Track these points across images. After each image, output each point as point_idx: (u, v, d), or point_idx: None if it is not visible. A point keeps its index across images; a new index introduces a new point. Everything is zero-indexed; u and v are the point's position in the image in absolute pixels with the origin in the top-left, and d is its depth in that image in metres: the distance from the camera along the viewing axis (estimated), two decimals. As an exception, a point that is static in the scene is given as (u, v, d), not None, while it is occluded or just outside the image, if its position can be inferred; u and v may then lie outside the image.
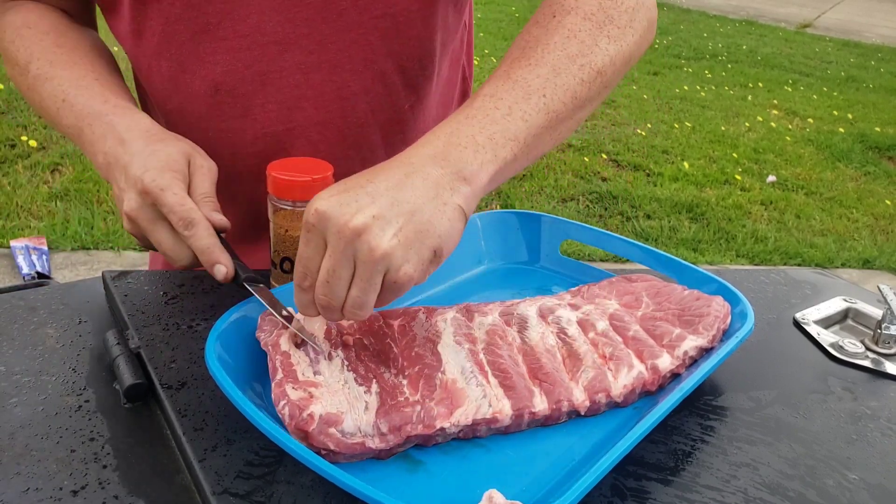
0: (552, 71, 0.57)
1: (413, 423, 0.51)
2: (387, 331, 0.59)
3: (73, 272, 2.32)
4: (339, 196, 0.48)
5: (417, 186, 0.49)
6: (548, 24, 0.60)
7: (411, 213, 0.48)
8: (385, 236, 0.47)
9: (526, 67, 0.57)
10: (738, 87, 5.64)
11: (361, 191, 0.48)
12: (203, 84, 0.71)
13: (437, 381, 0.55)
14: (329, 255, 0.48)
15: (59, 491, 0.48)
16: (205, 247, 0.59)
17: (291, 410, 0.49)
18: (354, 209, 0.47)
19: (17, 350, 0.61)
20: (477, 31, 6.20)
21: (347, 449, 0.49)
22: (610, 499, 0.51)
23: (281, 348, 0.54)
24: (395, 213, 0.48)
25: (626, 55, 0.62)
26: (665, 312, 0.67)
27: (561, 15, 0.60)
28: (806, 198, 3.76)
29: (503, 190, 3.33)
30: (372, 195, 0.48)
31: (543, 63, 0.57)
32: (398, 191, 0.48)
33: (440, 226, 0.49)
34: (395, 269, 0.48)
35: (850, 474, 0.56)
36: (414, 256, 0.48)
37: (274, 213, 0.65)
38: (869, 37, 8.60)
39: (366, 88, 0.73)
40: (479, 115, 0.54)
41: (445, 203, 0.50)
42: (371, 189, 0.48)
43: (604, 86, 0.60)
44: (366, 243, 0.47)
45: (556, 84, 0.56)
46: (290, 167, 0.64)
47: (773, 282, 0.87)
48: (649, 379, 0.59)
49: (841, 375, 0.69)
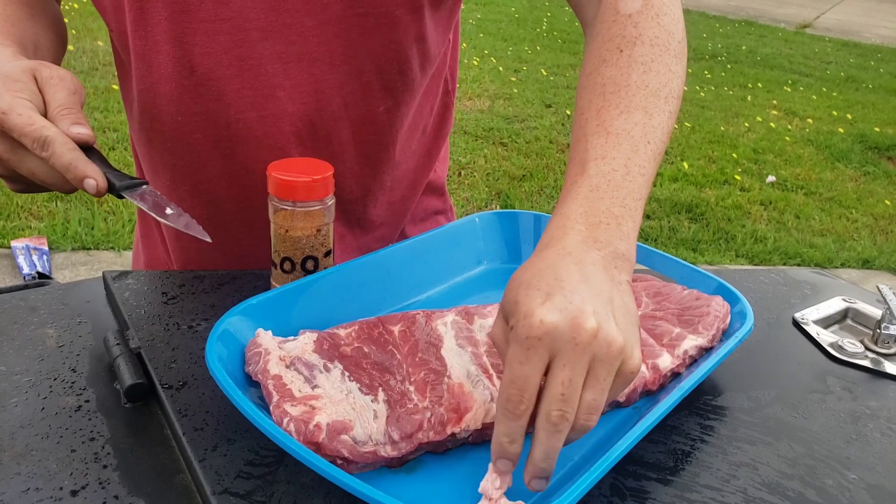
0: (645, 114, 0.56)
1: (424, 429, 0.51)
2: (388, 337, 0.59)
3: (74, 272, 2.32)
4: (552, 302, 0.45)
5: (596, 275, 0.47)
6: (618, 62, 0.59)
7: (610, 301, 0.46)
8: (612, 329, 0.45)
9: (619, 117, 0.56)
10: (738, 88, 5.65)
11: (564, 292, 0.45)
12: (177, 65, 0.70)
13: (443, 386, 0.54)
14: (564, 365, 0.44)
15: (59, 491, 0.48)
16: (67, 163, 0.56)
17: (297, 426, 0.48)
18: (578, 310, 0.44)
19: (17, 350, 0.61)
20: (476, 31, 6.20)
21: (361, 458, 0.49)
22: (610, 499, 0.51)
23: (271, 373, 0.53)
24: (603, 305, 0.45)
25: (686, 65, 0.62)
26: (665, 312, 0.67)
27: (628, 48, 0.59)
28: (805, 198, 3.76)
29: (503, 190, 3.33)
30: (577, 293, 0.45)
31: (634, 107, 0.56)
32: (589, 283, 0.46)
33: (632, 306, 0.48)
34: (628, 357, 0.46)
35: (849, 474, 0.56)
36: (634, 340, 0.47)
37: (274, 214, 0.65)
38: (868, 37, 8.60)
39: (341, 84, 0.73)
40: (603, 185, 0.52)
41: (620, 283, 0.48)
42: (569, 287, 0.45)
43: (680, 104, 0.60)
44: (603, 342, 0.44)
45: (653, 126, 0.56)
46: (290, 168, 0.65)
47: (773, 282, 0.87)
48: (650, 378, 0.59)
49: (840, 375, 0.69)
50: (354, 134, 0.76)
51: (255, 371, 0.54)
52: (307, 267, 0.67)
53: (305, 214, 0.64)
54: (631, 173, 0.53)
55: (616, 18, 0.61)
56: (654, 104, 0.57)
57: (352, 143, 0.77)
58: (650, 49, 0.59)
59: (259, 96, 0.71)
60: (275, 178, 0.63)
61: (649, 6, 0.61)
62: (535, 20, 7.03)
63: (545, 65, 5.46)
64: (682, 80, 0.61)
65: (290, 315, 0.61)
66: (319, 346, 0.56)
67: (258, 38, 0.69)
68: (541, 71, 5.26)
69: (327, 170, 0.65)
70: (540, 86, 4.90)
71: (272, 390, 0.51)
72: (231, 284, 0.73)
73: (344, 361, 0.55)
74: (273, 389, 0.51)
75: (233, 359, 0.56)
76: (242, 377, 0.55)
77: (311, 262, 0.67)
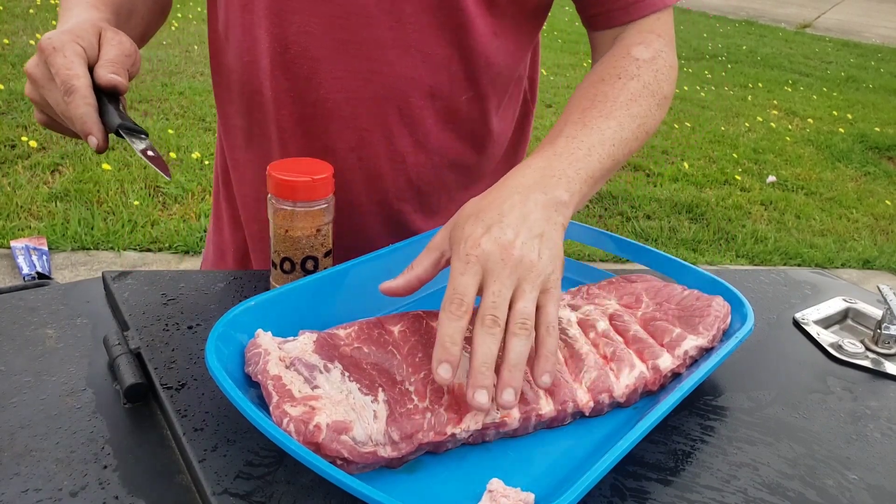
0: (619, 125, 0.66)
1: (424, 430, 0.51)
2: (388, 338, 0.59)
3: (73, 272, 2.32)
4: (489, 232, 0.55)
5: (535, 212, 0.57)
6: (614, 84, 0.69)
7: (542, 236, 0.56)
8: (534, 255, 0.55)
9: (598, 118, 0.66)
10: (738, 88, 5.65)
11: (502, 224, 0.56)
12: (274, 41, 0.72)
13: (444, 386, 0.54)
14: (494, 280, 0.53)
15: (58, 491, 0.48)
16: (80, 115, 0.61)
17: (297, 426, 0.48)
18: (509, 240, 0.55)
19: (17, 350, 0.61)
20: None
21: (360, 458, 0.48)
22: (610, 499, 0.51)
23: (270, 373, 0.53)
24: (533, 237, 0.56)
25: (662, 117, 0.73)
26: (665, 312, 0.67)
27: (626, 79, 0.70)
28: (806, 198, 3.76)
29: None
30: (511, 227, 0.56)
31: (612, 117, 0.67)
32: (525, 220, 0.57)
33: (559, 243, 0.58)
34: (548, 280, 0.55)
35: (849, 474, 0.56)
36: (552, 267, 0.56)
37: (274, 214, 0.65)
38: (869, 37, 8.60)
39: (431, 73, 0.74)
40: (566, 154, 0.62)
41: (555, 223, 0.58)
42: (507, 221, 0.56)
43: (646, 141, 0.72)
44: (526, 263, 0.54)
45: (622, 138, 0.66)
46: (290, 168, 0.65)
47: (773, 282, 0.87)
48: (651, 378, 0.59)
49: (841, 375, 0.69)
50: (437, 123, 0.78)
51: (255, 371, 0.54)
52: (307, 267, 0.67)
53: (305, 214, 0.64)
54: (591, 156, 0.63)
55: (625, 56, 0.72)
56: (629, 124, 0.67)
57: (434, 133, 0.78)
58: (642, 89, 0.70)
59: (351, 78, 0.73)
60: (275, 178, 0.63)
61: (654, 61, 0.72)
62: (535, 20, 7.02)
63: (545, 65, 5.46)
64: (656, 125, 0.72)
65: (290, 315, 0.61)
66: (319, 346, 0.56)
67: (359, 22, 0.71)
68: (541, 71, 5.27)
69: (327, 170, 0.65)
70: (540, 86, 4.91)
71: (272, 391, 0.51)
72: (231, 284, 0.73)
73: (344, 362, 0.55)
74: (273, 390, 0.51)
75: (233, 359, 0.56)
76: (242, 377, 0.55)
77: (311, 263, 0.67)
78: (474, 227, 0.56)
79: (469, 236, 0.56)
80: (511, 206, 0.57)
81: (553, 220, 0.58)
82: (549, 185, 0.59)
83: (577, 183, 0.61)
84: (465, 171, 0.83)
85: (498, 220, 0.56)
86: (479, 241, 0.55)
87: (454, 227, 0.59)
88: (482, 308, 0.53)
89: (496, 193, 0.59)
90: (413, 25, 0.71)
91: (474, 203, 0.59)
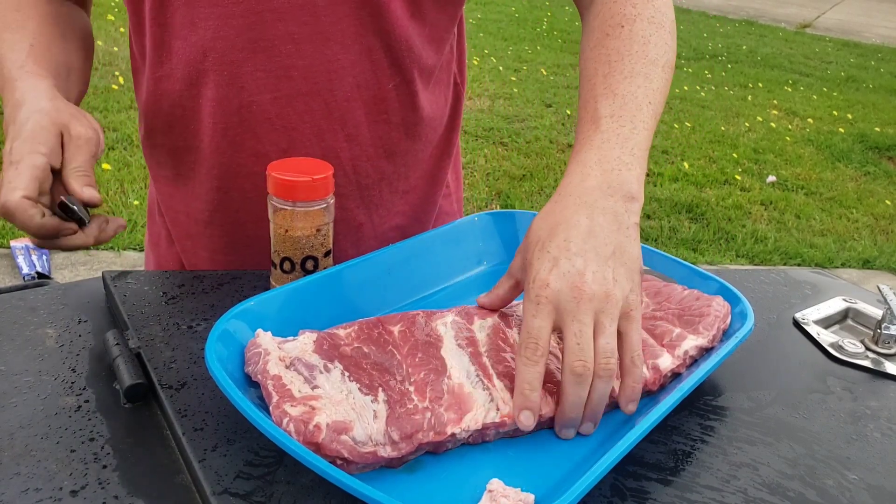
0: (646, 79, 0.65)
1: (424, 430, 0.51)
2: (387, 338, 0.59)
3: (73, 272, 2.32)
4: (557, 267, 0.54)
5: (604, 226, 0.56)
6: (621, 35, 0.67)
7: (613, 254, 0.55)
8: (609, 283, 0.53)
9: (624, 81, 0.64)
10: (738, 88, 5.65)
11: (569, 254, 0.55)
12: (192, 50, 0.71)
13: (443, 386, 0.54)
14: (572, 319, 0.52)
15: (59, 491, 0.48)
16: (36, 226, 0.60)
17: (297, 426, 0.48)
18: (579, 272, 0.53)
19: (17, 350, 0.61)
20: (477, 31, 6.20)
21: (360, 458, 0.48)
22: (610, 499, 0.51)
23: (270, 373, 0.53)
24: (603, 261, 0.54)
25: (675, 40, 0.71)
26: (665, 312, 0.67)
27: (629, 24, 0.68)
28: (806, 198, 3.76)
29: (503, 190, 3.33)
30: (580, 255, 0.54)
31: (636, 73, 0.65)
32: (593, 238, 0.55)
33: (633, 250, 0.57)
34: (627, 304, 0.54)
35: (849, 474, 0.56)
36: (630, 285, 0.55)
37: (274, 214, 0.65)
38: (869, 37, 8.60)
39: (353, 62, 0.73)
40: (613, 137, 0.61)
41: (628, 227, 0.57)
42: (575, 248, 0.55)
43: (673, 72, 0.69)
44: (601, 296, 0.53)
45: (653, 90, 0.65)
46: (290, 167, 0.64)
47: (773, 282, 0.87)
48: (650, 378, 0.59)
49: (841, 375, 0.69)
50: (367, 114, 0.77)
51: (255, 371, 0.54)
52: (307, 267, 0.67)
53: (305, 214, 0.64)
54: (637, 128, 0.62)
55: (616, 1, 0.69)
56: (654, 71, 0.66)
57: (365, 124, 0.77)
58: (648, 25, 0.68)
59: (272, 77, 0.72)
60: (274, 178, 0.63)
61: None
62: (535, 20, 7.03)
63: (545, 64, 5.46)
64: (675, 52, 0.70)
65: (290, 315, 0.61)
66: (319, 346, 0.56)
67: (272, 20, 0.70)
68: (541, 70, 5.26)
69: (327, 170, 0.65)
70: (540, 85, 4.90)
71: (272, 390, 0.51)
72: (231, 284, 0.73)
73: (344, 362, 0.55)
74: (273, 390, 0.51)
75: (233, 359, 0.56)
76: (242, 377, 0.55)
77: (310, 262, 0.67)
78: (541, 263, 0.55)
79: (537, 275, 0.54)
80: (577, 226, 0.56)
81: (624, 225, 0.57)
82: (612, 180, 0.59)
83: (636, 166, 0.60)
84: (401, 160, 0.82)
85: (565, 250, 0.55)
86: (547, 280, 0.53)
87: (525, 251, 0.58)
88: (567, 355, 0.52)
89: (560, 207, 0.58)
90: (328, 17, 0.71)
91: (541, 221, 0.58)
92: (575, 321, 0.52)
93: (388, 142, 0.80)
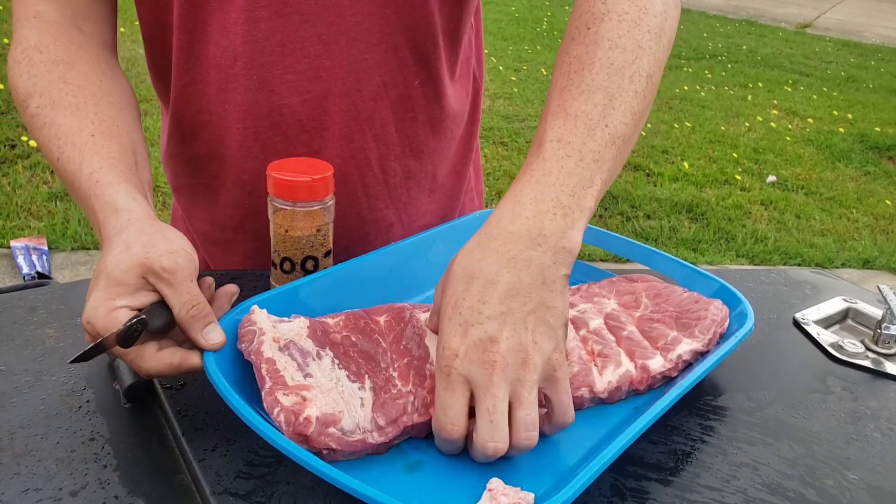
0: (606, 95, 0.55)
1: (408, 412, 0.52)
2: (374, 327, 0.59)
3: (73, 272, 2.32)
4: (467, 335, 0.49)
5: (526, 283, 0.50)
6: (585, 39, 0.57)
7: (533, 311, 0.49)
8: (526, 347, 0.48)
9: (580, 97, 0.55)
10: (738, 87, 5.65)
11: (481, 318, 0.49)
12: (221, 54, 0.71)
13: (426, 371, 0.55)
14: (485, 393, 0.47)
15: (59, 491, 0.48)
16: None
17: (287, 417, 0.48)
18: (491, 338, 0.48)
19: (17, 350, 0.61)
20: (477, 31, 6.19)
21: (349, 447, 0.49)
22: (610, 499, 0.51)
23: (265, 355, 0.53)
24: (521, 322, 0.49)
25: (668, 43, 0.60)
26: (662, 314, 0.67)
27: (595, 24, 0.57)
28: (806, 198, 3.76)
29: (503, 190, 3.33)
30: (494, 318, 0.49)
31: (595, 87, 0.55)
32: (511, 299, 0.49)
33: (558, 304, 0.50)
34: (549, 366, 0.49)
35: (849, 474, 0.56)
36: (552, 344, 0.49)
37: (274, 214, 0.65)
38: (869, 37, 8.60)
39: (379, 61, 0.73)
40: (555, 170, 0.53)
41: (553, 281, 0.50)
42: (488, 312, 0.49)
43: (654, 87, 0.59)
44: (517, 363, 0.48)
45: (613, 108, 0.55)
46: (290, 167, 0.65)
47: (773, 282, 0.87)
48: (637, 377, 0.59)
49: (841, 375, 0.69)
50: (395, 113, 0.77)
51: (248, 350, 0.54)
52: (307, 267, 0.67)
53: (305, 214, 0.64)
54: (584, 159, 0.53)
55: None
56: (618, 83, 0.55)
57: (393, 123, 0.77)
58: (617, 25, 0.57)
59: (301, 79, 0.72)
60: (275, 178, 0.63)
61: None
62: (535, 20, 7.03)
63: (545, 64, 5.46)
64: (658, 56, 0.58)
65: (290, 315, 0.61)
66: (313, 331, 0.57)
67: (299, 22, 0.70)
68: (541, 70, 5.26)
69: (327, 169, 0.65)
70: (540, 85, 4.90)
71: (265, 374, 0.52)
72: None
73: (334, 349, 0.56)
74: (266, 374, 0.52)
75: (232, 359, 0.56)
76: (241, 379, 0.55)
77: (310, 262, 0.67)
78: (452, 328, 0.49)
79: (447, 343, 0.49)
80: (494, 284, 0.50)
81: (550, 279, 0.50)
82: (544, 227, 0.51)
83: (577, 208, 0.52)
84: (428, 158, 0.82)
85: (477, 312, 0.49)
86: (457, 351, 0.48)
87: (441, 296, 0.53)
88: (479, 432, 0.48)
89: (481, 255, 0.51)
90: (354, 17, 0.70)
91: (462, 262, 0.52)
92: (488, 395, 0.47)
93: (414, 140, 0.80)
